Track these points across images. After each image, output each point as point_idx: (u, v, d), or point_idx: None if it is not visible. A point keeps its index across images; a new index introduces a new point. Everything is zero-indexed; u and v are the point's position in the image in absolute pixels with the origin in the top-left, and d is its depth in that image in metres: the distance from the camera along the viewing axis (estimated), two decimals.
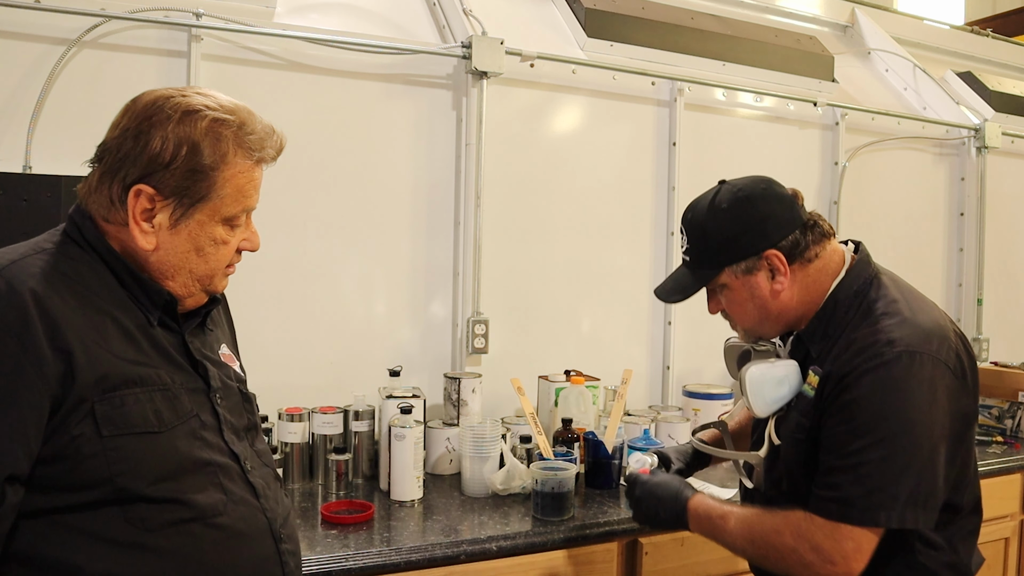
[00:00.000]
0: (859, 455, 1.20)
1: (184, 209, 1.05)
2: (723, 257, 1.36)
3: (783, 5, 3.30)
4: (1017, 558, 2.58)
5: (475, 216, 2.38)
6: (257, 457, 1.18)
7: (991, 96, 3.46)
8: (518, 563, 1.74)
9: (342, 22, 2.33)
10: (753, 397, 1.36)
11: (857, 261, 1.37)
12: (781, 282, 1.34)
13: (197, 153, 1.04)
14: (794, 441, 1.34)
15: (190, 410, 1.08)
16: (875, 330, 1.26)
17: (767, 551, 1.29)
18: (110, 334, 1.02)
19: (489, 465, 2.02)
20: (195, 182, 1.04)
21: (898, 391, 1.20)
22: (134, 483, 0.99)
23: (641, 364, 2.68)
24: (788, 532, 1.26)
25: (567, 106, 2.60)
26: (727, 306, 1.42)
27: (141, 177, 1.03)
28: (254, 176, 1.11)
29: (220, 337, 1.26)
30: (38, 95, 1.93)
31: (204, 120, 1.04)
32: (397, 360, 2.25)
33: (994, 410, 2.91)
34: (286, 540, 1.16)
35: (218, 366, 1.18)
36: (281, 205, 2.19)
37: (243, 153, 1.08)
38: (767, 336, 1.45)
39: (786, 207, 1.37)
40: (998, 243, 3.44)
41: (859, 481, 1.20)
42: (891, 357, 1.21)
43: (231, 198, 1.08)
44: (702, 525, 1.41)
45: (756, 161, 2.81)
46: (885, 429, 1.20)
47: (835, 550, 1.21)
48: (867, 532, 1.21)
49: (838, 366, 1.27)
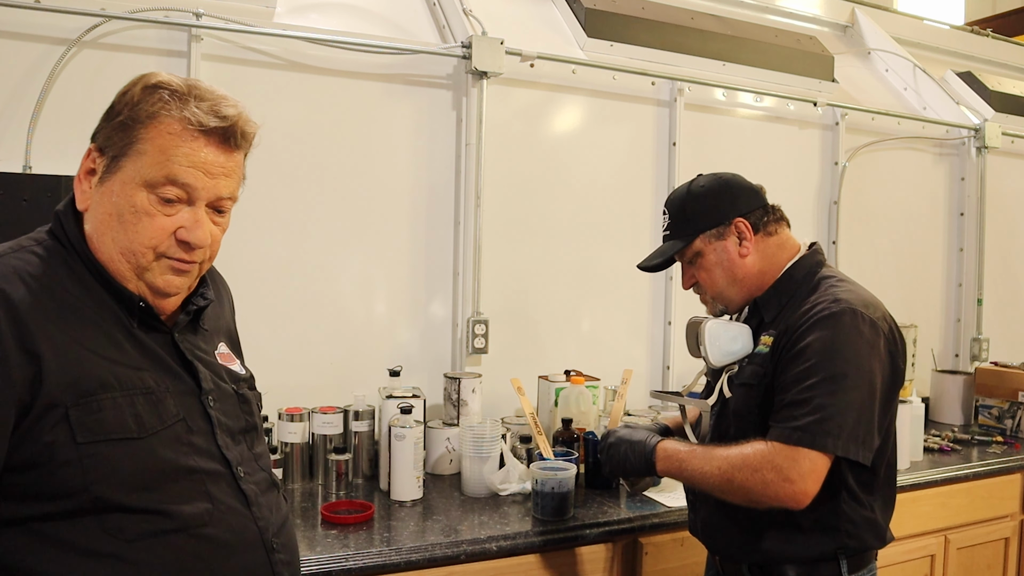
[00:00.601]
0: (811, 390, 1.37)
1: (108, 162, 1.03)
2: (699, 225, 1.58)
3: (783, 5, 3.30)
4: (1017, 558, 2.58)
5: (475, 216, 2.38)
6: (254, 462, 1.14)
7: (991, 96, 3.47)
8: (518, 563, 1.74)
9: (342, 22, 2.33)
10: (710, 346, 1.56)
11: (811, 251, 1.60)
12: (747, 247, 1.56)
13: (131, 108, 1.03)
14: (747, 387, 1.52)
15: (176, 414, 1.04)
16: (823, 294, 1.47)
17: (732, 474, 1.39)
18: (88, 336, 0.99)
19: (489, 465, 2.02)
20: (121, 135, 1.02)
21: (844, 338, 1.39)
22: (111, 492, 0.95)
23: (641, 364, 2.68)
24: (753, 456, 1.39)
25: (567, 106, 2.60)
26: (698, 274, 1.62)
27: (93, 137, 1.06)
28: (190, 145, 1.02)
29: (217, 336, 1.22)
30: (38, 95, 1.93)
31: (151, 83, 1.04)
32: (397, 360, 2.25)
33: (994, 410, 2.92)
34: (280, 550, 1.11)
35: (211, 367, 1.13)
36: (281, 205, 2.19)
37: (177, 116, 1.02)
38: (731, 304, 1.62)
39: (753, 190, 1.61)
40: (998, 243, 3.44)
41: (811, 412, 1.36)
42: (837, 311, 1.42)
43: (151, 158, 1.01)
44: (670, 462, 1.51)
45: (756, 161, 2.81)
46: (832, 368, 1.37)
47: (793, 469, 1.35)
48: (820, 456, 1.35)
49: (791, 322, 1.47)
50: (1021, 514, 2.58)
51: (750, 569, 1.53)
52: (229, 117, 1.05)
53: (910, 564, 2.34)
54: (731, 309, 1.64)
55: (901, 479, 2.30)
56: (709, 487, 1.45)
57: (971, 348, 3.36)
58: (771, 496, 1.36)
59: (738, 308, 1.63)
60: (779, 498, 1.36)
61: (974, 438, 2.76)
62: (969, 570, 2.48)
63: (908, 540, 2.32)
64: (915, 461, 2.48)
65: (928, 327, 3.25)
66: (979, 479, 2.46)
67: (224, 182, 1.06)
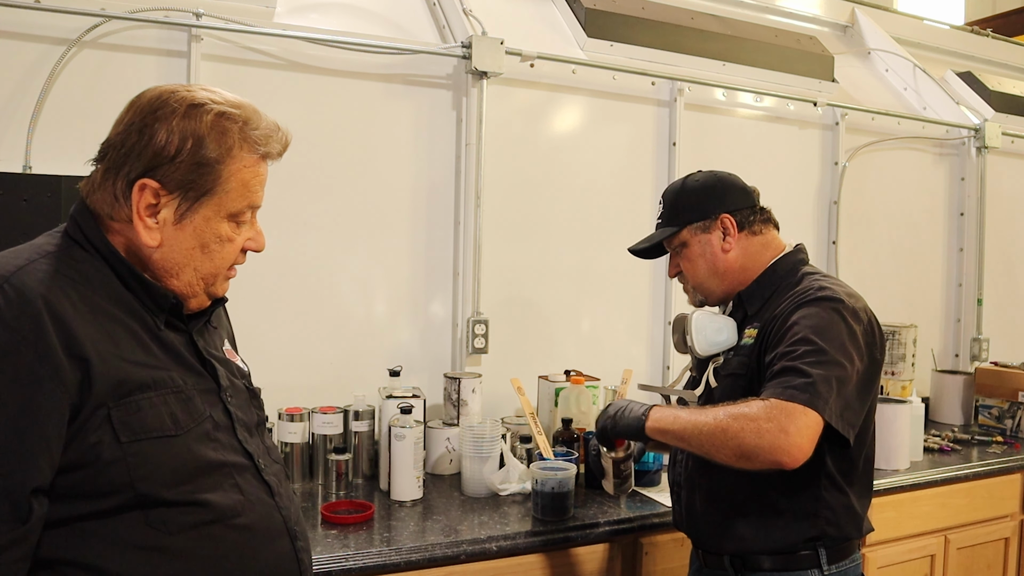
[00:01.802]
0: (801, 359, 1.39)
1: (189, 204, 1.04)
2: (687, 216, 1.64)
3: (783, 5, 3.29)
4: (1017, 558, 2.58)
5: (475, 216, 2.38)
6: (268, 455, 1.18)
7: (991, 96, 3.47)
8: (518, 563, 1.74)
9: (342, 22, 2.33)
10: (696, 335, 1.61)
11: (795, 249, 1.64)
12: (730, 243, 1.61)
13: (202, 146, 1.03)
14: (734, 377, 1.56)
15: (203, 412, 1.07)
16: (807, 285, 1.52)
17: (728, 423, 1.37)
18: (120, 338, 1.01)
19: (489, 465, 2.02)
20: (200, 175, 1.03)
21: (829, 319, 1.43)
22: (154, 487, 0.99)
23: (641, 364, 2.68)
24: (750, 407, 1.37)
25: (567, 106, 2.60)
26: (683, 263, 1.67)
27: (145, 171, 1.02)
28: (259, 172, 1.10)
29: (222, 334, 1.26)
30: (38, 95, 1.93)
31: (209, 114, 1.04)
32: (397, 360, 2.25)
33: (994, 410, 2.92)
34: (300, 538, 1.16)
35: (224, 364, 1.17)
36: (281, 205, 2.19)
37: (248, 147, 1.07)
38: (711, 296, 1.67)
39: (744, 190, 1.66)
40: (998, 243, 3.44)
41: (804, 377, 1.37)
42: (821, 296, 1.47)
43: (236, 193, 1.07)
44: (663, 413, 1.48)
45: (756, 161, 2.81)
46: (818, 344, 1.40)
47: (791, 423, 1.33)
48: (815, 416, 1.35)
49: (775, 314, 1.51)
50: (1021, 514, 2.58)
51: (731, 561, 1.55)
52: (287, 144, 1.13)
53: (910, 564, 2.34)
54: (711, 301, 1.68)
55: (901, 479, 2.31)
56: (701, 438, 1.40)
57: (971, 348, 3.36)
58: (765, 447, 1.32)
59: (718, 301, 1.68)
60: (773, 449, 1.31)
61: (974, 438, 2.76)
62: (969, 570, 2.47)
63: (908, 540, 2.32)
64: (915, 461, 2.47)
65: (928, 327, 3.25)
66: (979, 479, 2.46)
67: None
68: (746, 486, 1.50)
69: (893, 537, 2.28)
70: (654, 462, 2.15)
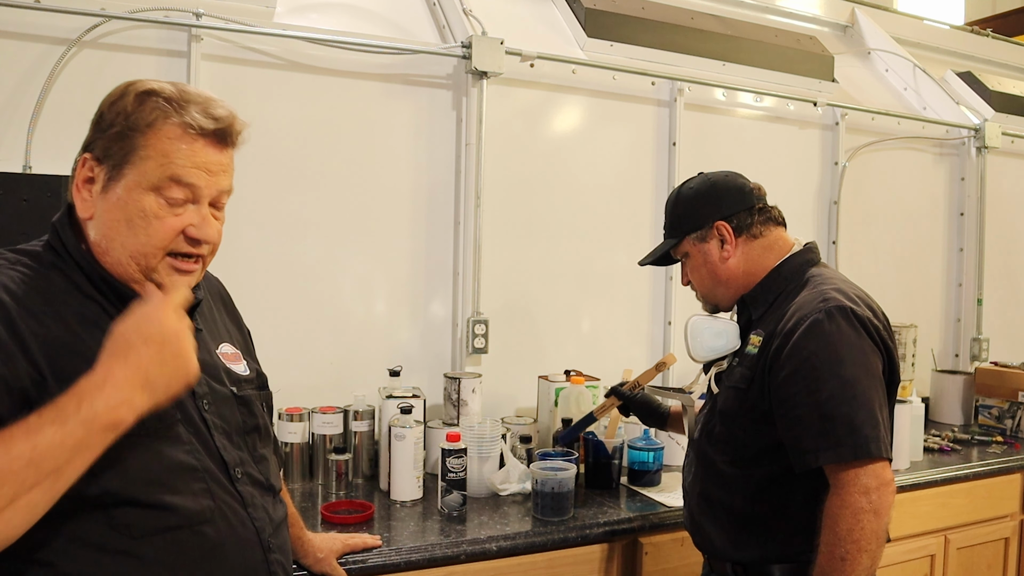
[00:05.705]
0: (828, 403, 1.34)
1: (110, 171, 1.06)
2: (685, 226, 1.61)
3: (783, 5, 3.29)
4: (1017, 558, 2.58)
5: (475, 216, 2.38)
6: (254, 464, 1.17)
7: (991, 96, 3.47)
8: (518, 563, 1.74)
9: (342, 22, 2.33)
10: (692, 340, 1.60)
11: (804, 249, 1.59)
12: (728, 250, 1.58)
13: (127, 119, 1.06)
14: (736, 390, 1.51)
15: (174, 415, 1.06)
16: (811, 293, 1.46)
17: (853, 554, 1.31)
18: (85, 344, 1.01)
19: (489, 465, 2.02)
20: (121, 145, 1.06)
21: (839, 338, 1.37)
22: (119, 486, 0.99)
23: (641, 364, 2.66)
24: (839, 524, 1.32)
25: (567, 106, 2.60)
26: (689, 273, 1.66)
27: (86, 148, 1.08)
28: (190, 147, 1.07)
29: (215, 336, 1.23)
30: (38, 95, 1.93)
31: (140, 92, 1.08)
32: (397, 360, 2.25)
33: (994, 410, 2.92)
34: (275, 550, 1.15)
35: (207, 368, 1.15)
36: (281, 205, 2.19)
37: (170, 118, 1.07)
38: (721, 303, 1.64)
39: (740, 192, 1.60)
40: (998, 243, 3.44)
41: (846, 424, 1.33)
42: (827, 307, 1.40)
43: (154, 162, 1.05)
44: None
45: (756, 161, 2.81)
46: (841, 375, 1.35)
47: (871, 483, 1.31)
48: (880, 462, 1.32)
49: (781, 325, 1.45)
50: (1021, 514, 2.58)
51: (733, 568, 1.54)
52: (223, 118, 1.10)
53: (910, 564, 2.34)
54: (722, 307, 1.65)
55: (901, 479, 2.31)
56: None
57: (971, 348, 3.36)
58: (882, 520, 1.32)
59: (728, 307, 1.65)
60: (884, 511, 1.32)
61: (974, 438, 2.76)
62: (969, 570, 2.48)
63: (908, 540, 2.32)
64: (915, 461, 2.48)
65: (928, 327, 3.25)
66: (979, 479, 2.46)
67: (223, 178, 1.12)
68: (752, 496, 1.49)
69: (893, 537, 2.26)
70: (654, 462, 2.15)
